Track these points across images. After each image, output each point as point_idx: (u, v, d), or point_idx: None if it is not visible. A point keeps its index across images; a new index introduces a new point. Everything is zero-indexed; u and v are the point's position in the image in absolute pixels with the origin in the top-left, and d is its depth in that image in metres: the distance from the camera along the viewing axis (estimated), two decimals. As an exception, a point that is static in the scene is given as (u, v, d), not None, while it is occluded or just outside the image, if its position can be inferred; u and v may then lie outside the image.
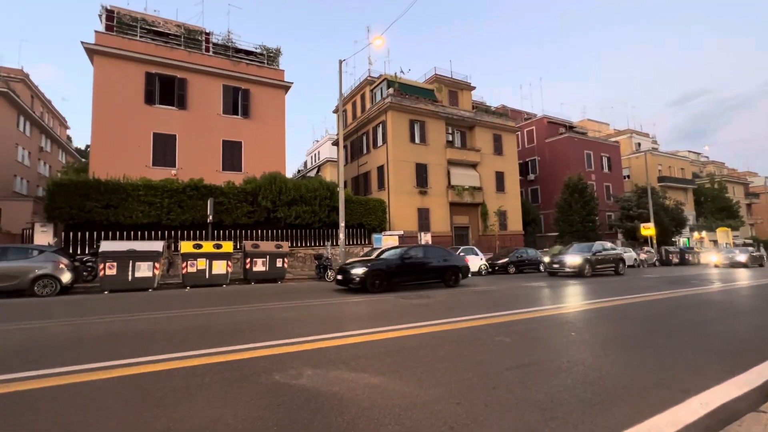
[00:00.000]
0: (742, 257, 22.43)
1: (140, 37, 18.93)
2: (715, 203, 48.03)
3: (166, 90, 19.06)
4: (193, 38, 20.29)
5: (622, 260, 17.20)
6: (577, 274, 15.00)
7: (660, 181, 42.19)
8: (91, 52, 17.55)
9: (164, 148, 18.57)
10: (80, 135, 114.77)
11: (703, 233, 38.73)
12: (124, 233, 14.25)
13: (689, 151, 57.70)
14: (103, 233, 13.94)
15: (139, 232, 14.48)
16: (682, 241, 34.69)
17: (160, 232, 14.89)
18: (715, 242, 38.85)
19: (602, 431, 2.16)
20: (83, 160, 39.12)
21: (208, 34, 20.82)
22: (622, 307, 7.03)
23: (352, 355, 3.83)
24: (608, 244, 17.69)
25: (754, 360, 3.49)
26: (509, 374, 3.18)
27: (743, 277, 14.54)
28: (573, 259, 15.37)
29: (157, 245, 11.52)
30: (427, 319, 5.82)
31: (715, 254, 25.27)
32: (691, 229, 39.74)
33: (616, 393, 2.75)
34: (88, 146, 36.77)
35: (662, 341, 4.37)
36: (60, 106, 45.26)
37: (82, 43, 17.24)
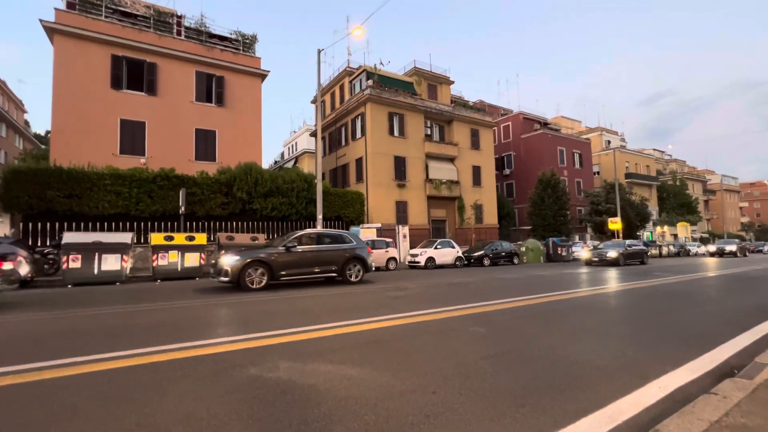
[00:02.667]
0: (612, 253, 18.38)
1: (105, 17, 17.89)
2: (677, 199, 50.72)
3: (134, 74, 18.14)
4: (163, 21, 19.36)
5: (357, 259, 10.32)
6: (233, 282, 8.64)
7: (627, 178, 44.07)
8: (51, 31, 16.46)
9: (132, 136, 17.73)
10: (40, 120, 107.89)
11: (665, 227, 40.85)
12: (89, 224, 13.59)
13: (654, 149, 60.52)
14: (65, 224, 13.26)
15: (106, 223, 13.84)
16: (645, 235, 36.46)
17: (128, 223, 14.29)
18: (675, 236, 41.12)
19: (570, 415, 2.26)
20: (43, 146, 36.90)
21: (180, 17, 19.92)
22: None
23: (329, 347, 3.83)
24: (334, 233, 10.89)
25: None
26: (483, 363, 3.26)
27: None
28: (229, 260, 8.74)
29: (126, 237, 11.06)
30: (404, 310, 5.88)
31: (585, 250, 21.79)
32: (654, 224, 41.84)
33: (583, 379, 2.88)
34: (48, 132, 34.68)
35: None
36: (16, 88, 42.38)
37: (40, 21, 16.14)
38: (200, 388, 2.72)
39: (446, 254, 18.39)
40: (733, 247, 28.92)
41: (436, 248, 18.08)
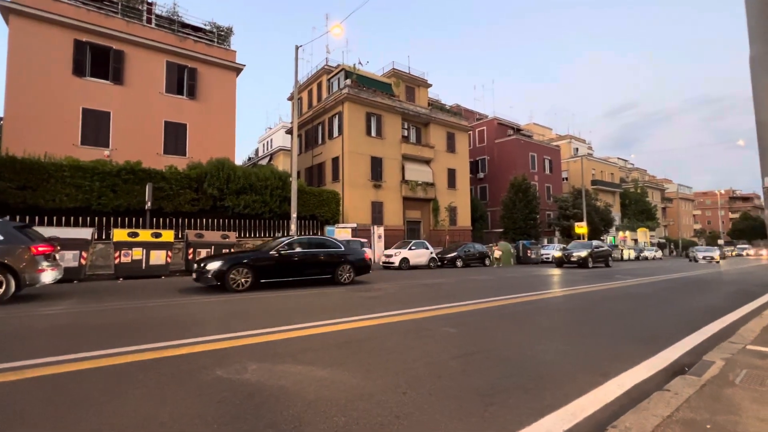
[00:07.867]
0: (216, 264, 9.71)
1: (68, -1, 16.88)
2: (637, 206, 53.43)
3: (99, 61, 17.21)
4: (132, 7, 18.49)
5: None
6: None
7: (593, 184, 46.04)
8: (6, 10, 15.35)
9: (96, 126, 16.81)
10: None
11: (627, 233, 42.97)
12: (45, 218, 12.77)
13: (618, 158, 63.47)
14: (18, 218, 12.39)
15: (64, 218, 13.05)
16: (609, 239, 38.21)
17: (89, 218, 13.54)
18: (635, 240, 43.32)
19: (534, 413, 2.33)
20: (-6, 133, 34.38)
21: (150, 4, 19.09)
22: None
23: (299, 348, 3.77)
24: None
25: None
26: (454, 363, 3.32)
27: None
28: None
29: (85, 232, 10.48)
30: (376, 311, 5.88)
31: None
32: (617, 229, 43.93)
33: (548, 378, 2.98)
34: (0, 119, 32.37)
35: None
36: (-36, 70, 39.24)
37: (-6, -2, 15.02)
38: (163, 391, 2.62)
39: (420, 255, 18.56)
40: (582, 253, 19.19)
41: (410, 249, 18.20)
